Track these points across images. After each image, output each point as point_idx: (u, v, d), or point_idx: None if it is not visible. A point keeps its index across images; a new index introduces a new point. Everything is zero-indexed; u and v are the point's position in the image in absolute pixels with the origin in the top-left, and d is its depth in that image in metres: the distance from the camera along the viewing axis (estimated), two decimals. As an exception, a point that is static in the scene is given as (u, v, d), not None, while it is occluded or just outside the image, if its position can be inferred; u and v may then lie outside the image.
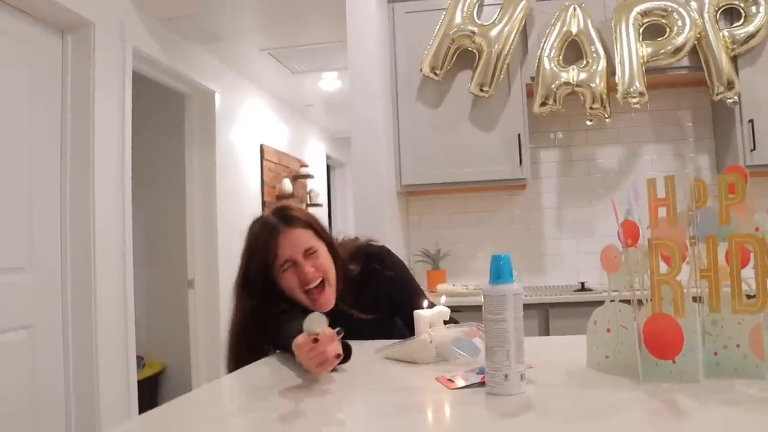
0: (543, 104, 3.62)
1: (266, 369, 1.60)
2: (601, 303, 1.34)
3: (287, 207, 2.00)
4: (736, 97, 3.49)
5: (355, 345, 1.53)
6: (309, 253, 1.86)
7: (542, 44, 3.65)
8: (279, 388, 1.29)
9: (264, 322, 1.85)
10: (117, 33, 3.77)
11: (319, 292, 1.86)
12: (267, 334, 1.81)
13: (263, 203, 6.17)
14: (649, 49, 3.49)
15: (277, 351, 1.79)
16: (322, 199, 8.02)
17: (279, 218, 1.90)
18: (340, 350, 1.36)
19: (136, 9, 3.96)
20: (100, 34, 3.58)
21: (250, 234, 1.93)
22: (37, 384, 3.15)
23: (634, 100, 3.48)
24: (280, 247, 1.85)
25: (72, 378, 3.36)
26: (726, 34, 3.48)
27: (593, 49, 3.57)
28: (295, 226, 1.88)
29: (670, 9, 3.49)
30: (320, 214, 7.88)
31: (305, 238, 1.88)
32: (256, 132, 6.17)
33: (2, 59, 3.10)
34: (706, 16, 3.47)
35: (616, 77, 3.51)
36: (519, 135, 3.69)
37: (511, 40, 3.62)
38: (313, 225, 1.94)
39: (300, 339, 1.36)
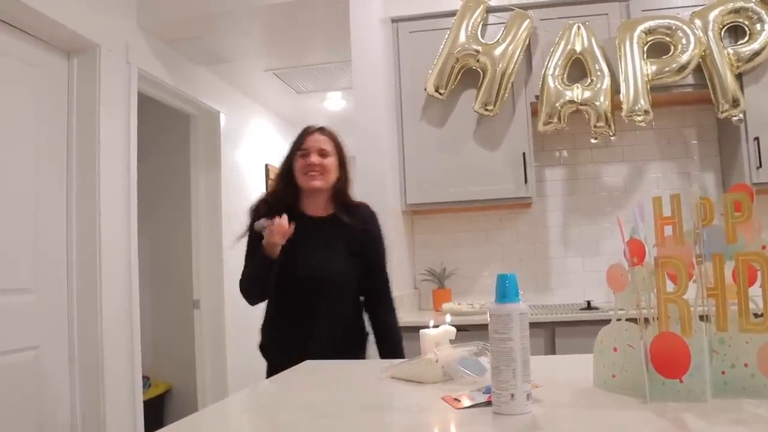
0: (547, 122, 3.62)
1: (272, 388, 1.59)
2: (607, 322, 1.34)
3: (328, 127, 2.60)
4: (741, 115, 3.48)
5: (360, 365, 1.53)
6: (322, 153, 2.45)
7: (546, 63, 3.66)
8: (285, 408, 1.28)
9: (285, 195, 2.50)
10: (122, 55, 3.79)
11: (313, 176, 2.42)
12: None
13: (269, 223, 6.17)
14: (654, 67, 3.49)
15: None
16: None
17: (316, 126, 2.55)
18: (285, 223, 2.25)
19: (141, 31, 3.98)
20: (105, 56, 3.61)
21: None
22: (43, 404, 3.15)
23: (639, 118, 3.48)
24: (305, 141, 2.48)
25: (78, 398, 3.36)
26: (731, 51, 3.48)
27: (597, 68, 3.58)
28: (323, 134, 2.51)
29: (674, 27, 3.50)
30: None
31: (326, 144, 2.48)
32: (261, 152, 6.19)
33: (8, 81, 3.13)
34: (710, 33, 3.48)
35: (621, 95, 3.52)
36: (524, 153, 3.69)
37: (515, 58, 3.63)
38: (336, 142, 2.54)
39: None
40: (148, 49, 4.08)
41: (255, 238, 2.44)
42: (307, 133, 2.52)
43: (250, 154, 5.89)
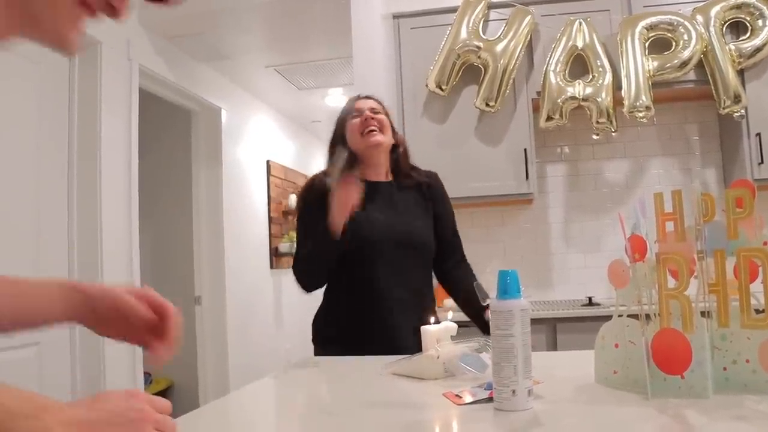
0: (549, 119, 3.62)
1: (273, 385, 1.59)
2: (608, 318, 1.34)
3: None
4: (743, 111, 3.48)
5: (362, 362, 1.52)
6: (374, 111, 2.27)
7: (548, 59, 3.66)
8: (285, 404, 1.28)
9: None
10: (124, 51, 3.79)
11: (373, 134, 2.22)
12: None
13: (270, 219, 6.18)
14: (655, 63, 3.49)
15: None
16: (329, 214, 8.01)
17: (361, 94, 2.39)
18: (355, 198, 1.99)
19: (142, 28, 3.98)
20: (107, 52, 3.61)
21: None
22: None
23: (641, 114, 3.48)
24: (355, 104, 2.31)
25: (79, 395, 3.36)
26: (732, 47, 3.48)
27: (599, 64, 3.58)
28: (371, 98, 2.36)
29: (675, 23, 3.49)
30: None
31: (375, 104, 2.31)
32: (262, 148, 6.20)
33: (10, 78, 3.13)
34: (712, 29, 3.47)
35: (622, 91, 3.51)
36: (525, 150, 3.69)
37: (516, 54, 3.63)
38: (385, 107, 2.36)
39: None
40: (150, 45, 4.07)
41: (309, 220, 2.20)
42: (355, 98, 2.37)
43: (252, 150, 5.89)
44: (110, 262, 3.53)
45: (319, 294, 2.29)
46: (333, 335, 2.24)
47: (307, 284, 2.20)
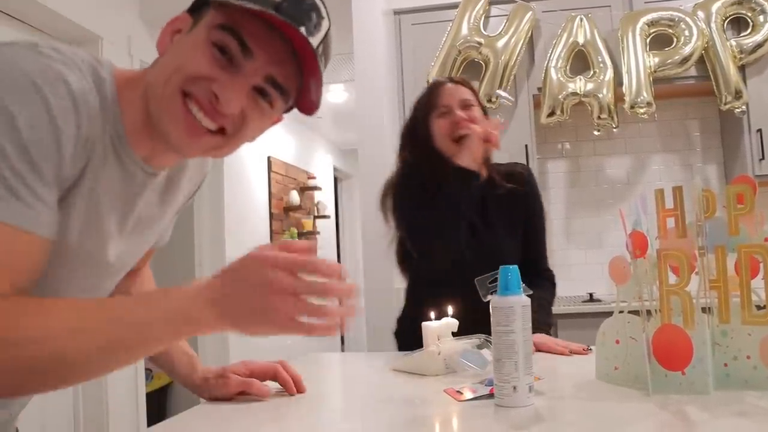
0: (550, 115, 3.62)
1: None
2: (609, 314, 1.34)
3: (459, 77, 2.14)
4: (744, 107, 3.48)
5: (363, 358, 1.53)
6: (465, 104, 1.97)
7: (549, 55, 3.66)
8: (286, 400, 1.28)
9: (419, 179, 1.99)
10: (124, 47, 3.79)
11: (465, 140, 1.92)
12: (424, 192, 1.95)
13: (271, 215, 6.18)
14: (656, 59, 3.49)
15: None
16: (330, 211, 8.02)
17: (446, 78, 2.09)
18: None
19: (143, 23, 3.98)
20: (107, 48, 3.60)
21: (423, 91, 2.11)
22: (46, 397, 3.16)
23: (642, 111, 3.47)
24: (440, 95, 1.99)
25: (81, 391, 3.37)
26: (733, 43, 3.47)
27: (600, 60, 3.57)
28: (458, 83, 2.02)
29: (677, 19, 3.49)
30: (327, 226, 7.89)
31: (465, 92, 2.00)
32: (263, 144, 6.19)
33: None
34: (713, 25, 3.47)
35: (624, 87, 3.51)
36: (526, 146, 3.69)
37: (517, 51, 3.62)
38: (473, 88, 2.06)
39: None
40: (150, 41, 4.07)
41: (419, 130, 2.02)
42: (438, 85, 2.05)
43: (253, 145, 5.82)
44: (111, 258, 3.53)
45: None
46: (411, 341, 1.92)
47: (437, 250, 1.95)
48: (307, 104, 1.05)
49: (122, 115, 0.97)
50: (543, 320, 1.91)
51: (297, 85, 1.01)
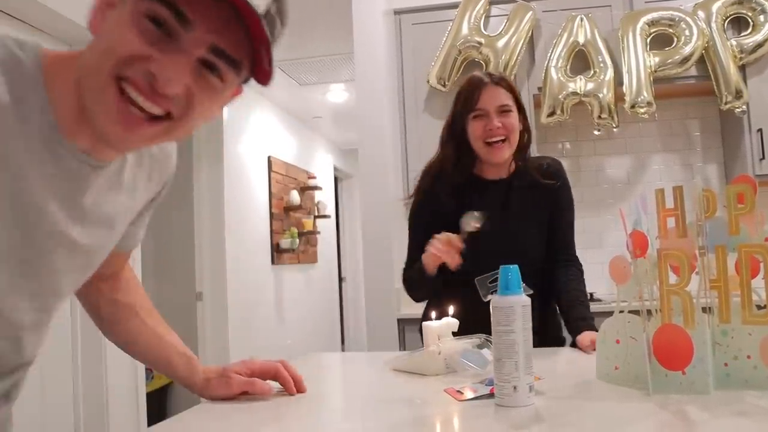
0: (550, 114, 3.62)
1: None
2: (610, 314, 1.34)
3: (499, 73, 2.16)
4: (744, 107, 3.48)
5: (364, 358, 1.53)
6: (502, 109, 1.99)
7: (549, 55, 3.65)
8: (287, 399, 1.28)
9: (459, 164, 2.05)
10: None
11: (499, 147, 1.98)
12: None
13: (271, 215, 6.18)
14: (657, 59, 3.49)
15: None
16: (330, 210, 8.02)
17: (487, 75, 2.06)
18: (455, 260, 1.75)
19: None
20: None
21: (463, 84, 2.12)
22: (45, 394, 3.16)
23: (642, 110, 3.47)
24: (479, 97, 2.00)
25: (81, 391, 3.36)
26: (734, 43, 3.47)
27: (600, 60, 3.57)
28: (498, 84, 2.02)
29: (677, 19, 3.49)
30: (327, 225, 7.89)
31: (503, 96, 2.01)
32: (263, 144, 6.19)
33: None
34: (713, 25, 3.47)
35: (624, 87, 3.51)
36: (526, 145, 3.68)
37: (518, 50, 3.62)
38: (515, 91, 2.07)
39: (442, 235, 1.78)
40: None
41: (420, 226, 2.05)
42: (478, 86, 2.03)
43: (253, 145, 5.89)
44: (112, 258, 3.53)
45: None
46: None
47: (414, 299, 2.10)
48: (262, 73, 0.93)
49: (54, 103, 0.87)
50: (591, 316, 1.92)
51: (249, 53, 0.90)
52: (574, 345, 1.84)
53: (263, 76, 0.93)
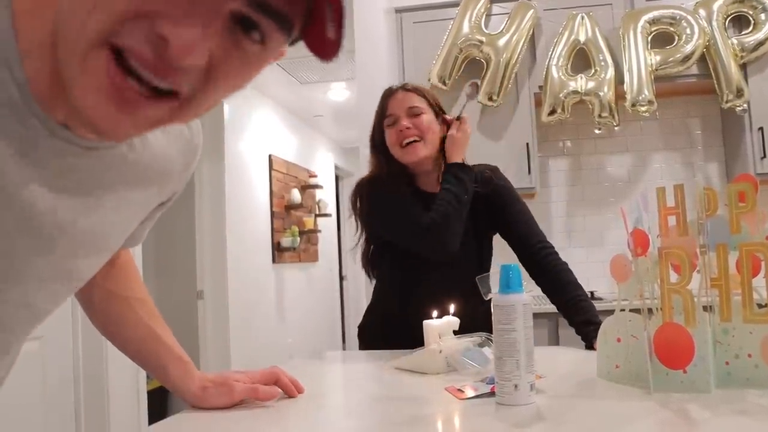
0: (551, 113, 3.61)
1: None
2: (611, 312, 1.34)
3: (413, 84, 2.13)
4: (745, 105, 3.47)
5: (365, 356, 1.53)
6: (412, 111, 1.97)
7: (550, 53, 3.65)
8: (288, 399, 1.28)
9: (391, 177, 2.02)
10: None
11: (413, 146, 1.94)
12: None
13: (272, 213, 6.18)
14: (658, 58, 3.48)
15: None
16: (331, 209, 8.02)
17: (400, 84, 2.09)
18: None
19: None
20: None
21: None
22: (47, 394, 3.16)
23: (643, 109, 3.47)
24: (389, 104, 2.02)
25: (82, 389, 3.37)
26: (735, 41, 3.47)
27: (601, 58, 3.57)
28: (409, 90, 2.03)
29: (678, 17, 3.49)
30: (329, 224, 7.89)
31: (414, 99, 2.00)
32: (264, 142, 6.19)
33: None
34: (714, 24, 3.47)
35: (625, 86, 3.51)
36: (527, 144, 3.69)
37: (518, 49, 3.62)
38: (426, 94, 2.06)
39: None
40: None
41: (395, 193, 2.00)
42: (388, 95, 2.06)
43: (254, 144, 5.89)
44: (112, 257, 3.53)
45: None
46: (379, 334, 2.05)
47: (451, 244, 1.92)
48: (320, 41, 0.62)
49: (25, 62, 0.61)
50: (596, 314, 1.91)
51: (303, 9, 0.61)
52: (589, 348, 1.85)
53: (323, 46, 0.62)
